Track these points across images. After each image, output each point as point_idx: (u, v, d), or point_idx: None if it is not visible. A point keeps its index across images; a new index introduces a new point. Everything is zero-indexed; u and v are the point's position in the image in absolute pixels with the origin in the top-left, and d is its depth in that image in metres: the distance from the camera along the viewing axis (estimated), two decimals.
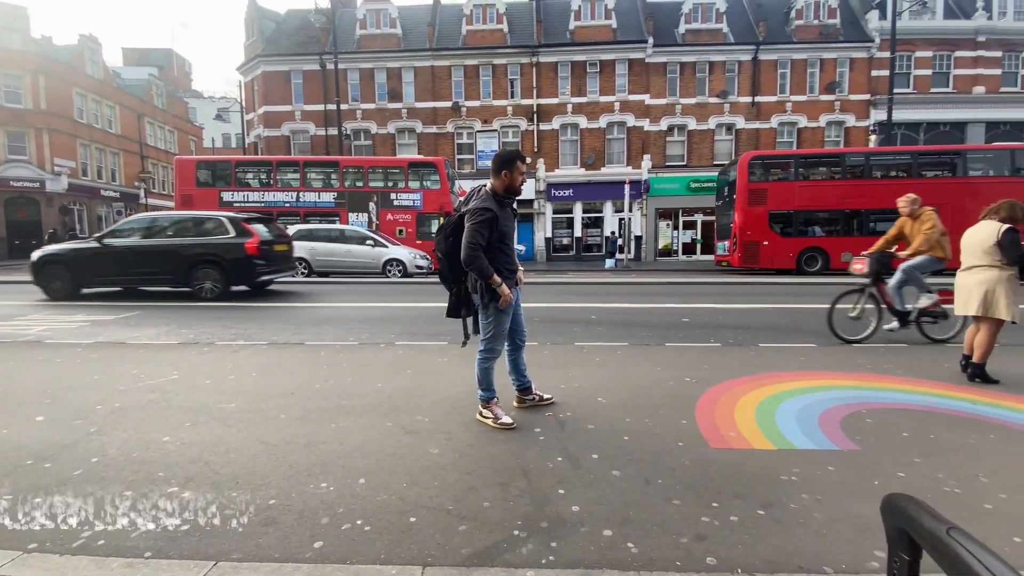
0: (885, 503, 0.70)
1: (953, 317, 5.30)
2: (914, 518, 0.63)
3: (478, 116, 23.40)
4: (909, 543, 0.65)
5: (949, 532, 0.57)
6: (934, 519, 0.61)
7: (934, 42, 22.16)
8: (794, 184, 15.86)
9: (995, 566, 0.51)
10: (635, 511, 2.20)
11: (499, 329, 3.12)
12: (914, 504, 0.65)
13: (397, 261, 14.45)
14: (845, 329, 5.69)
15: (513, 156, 3.05)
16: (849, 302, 5.76)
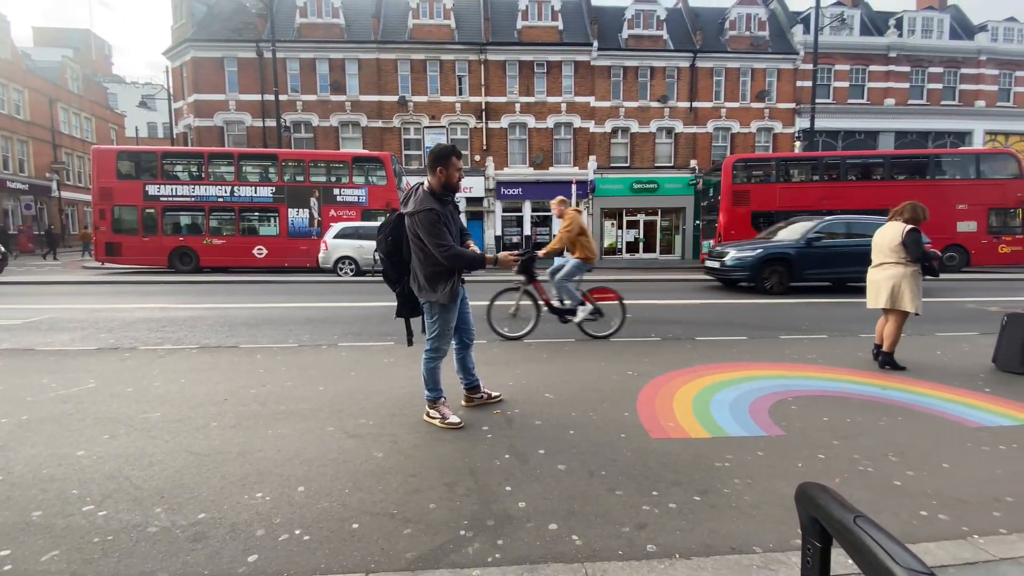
0: (799, 492, 0.72)
1: (610, 315, 5.92)
2: (824, 507, 0.65)
3: (426, 112, 23.04)
4: (821, 531, 0.66)
5: (856, 520, 0.59)
6: (842, 507, 0.63)
7: (851, 56, 24.05)
8: (775, 186, 16.42)
9: (898, 553, 0.53)
10: (580, 504, 2.25)
11: (445, 328, 3.08)
12: (825, 493, 0.67)
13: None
14: (505, 325, 5.84)
15: (448, 152, 2.96)
16: (508, 299, 5.96)
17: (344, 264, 14.49)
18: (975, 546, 1.92)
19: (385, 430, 3.07)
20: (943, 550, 1.90)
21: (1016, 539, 1.98)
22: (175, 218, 16.15)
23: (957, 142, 24.51)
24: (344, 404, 3.53)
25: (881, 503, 2.30)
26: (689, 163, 23.91)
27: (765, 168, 17.18)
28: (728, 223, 16.21)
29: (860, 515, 0.59)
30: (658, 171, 23.91)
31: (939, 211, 15.65)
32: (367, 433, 3.03)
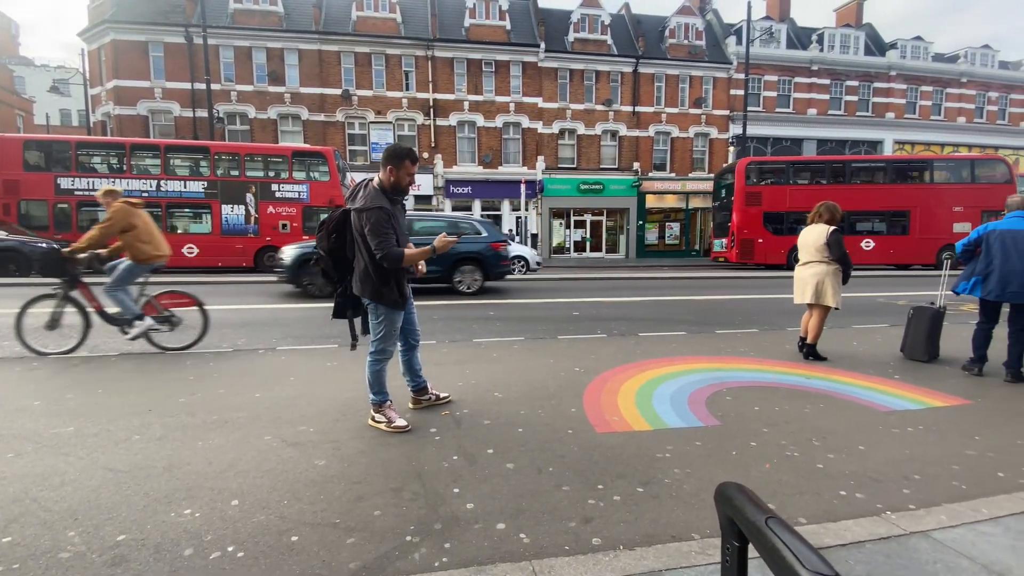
0: (717, 492, 0.71)
1: (189, 323, 5.17)
2: (739, 508, 0.64)
3: (371, 106, 22.43)
4: (738, 532, 0.65)
5: (767, 522, 0.59)
6: (756, 509, 0.62)
7: (779, 68, 25.72)
8: (786, 188, 17.30)
9: (805, 555, 0.53)
10: (528, 501, 2.26)
11: (390, 329, 3.00)
12: (741, 493, 0.67)
13: (521, 258, 15.22)
14: (41, 340, 4.82)
15: (403, 154, 2.87)
16: (44, 307, 4.86)
17: None
18: (888, 522, 2.10)
19: (327, 437, 2.96)
20: (860, 527, 2.06)
21: (923, 514, 2.18)
22: (92, 214, 14.81)
23: (870, 150, 26.79)
24: (283, 411, 3.37)
25: (806, 485, 2.47)
26: (632, 165, 24.72)
27: (776, 170, 18.08)
28: (741, 223, 17.05)
29: (772, 516, 0.59)
30: (603, 172, 24.55)
31: (937, 213, 17.22)
32: (308, 441, 2.90)
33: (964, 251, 4.52)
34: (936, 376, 4.42)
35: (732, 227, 17.41)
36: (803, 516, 2.18)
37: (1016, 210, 4.31)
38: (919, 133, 27.20)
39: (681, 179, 25.36)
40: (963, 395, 3.89)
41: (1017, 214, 4.28)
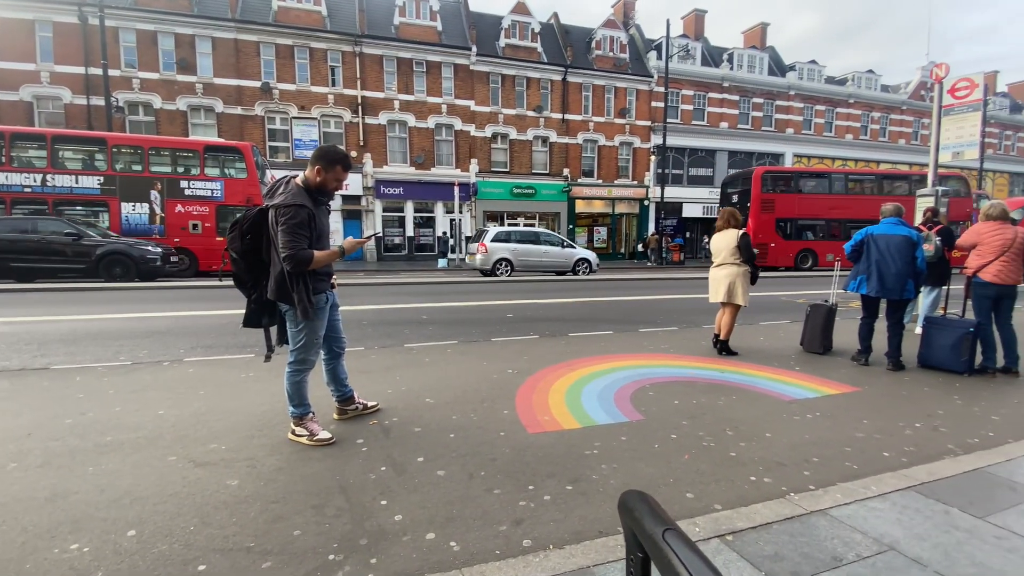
0: (620, 502, 0.68)
1: None
2: (639, 519, 0.62)
3: (294, 101, 21.31)
4: (640, 543, 0.62)
5: (664, 534, 0.56)
6: (654, 520, 0.60)
7: (694, 83, 27.53)
8: (795, 196, 18.91)
9: (700, 570, 0.52)
10: (458, 508, 2.23)
11: (312, 337, 2.83)
12: (642, 503, 0.64)
13: (584, 260, 16.39)
14: None
15: (336, 158, 2.72)
16: None
17: (501, 265, 15.46)
18: (792, 503, 2.28)
19: (241, 454, 2.75)
20: (768, 509, 2.22)
21: (821, 493, 2.39)
22: None
23: (773, 162, 29.34)
24: (190, 428, 3.09)
25: (721, 473, 2.64)
26: (562, 171, 25.38)
27: (787, 180, 19.72)
28: (756, 228, 18.40)
29: (669, 528, 0.57)
30: (536, 177, 25.00)
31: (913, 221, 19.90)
32: (219, 460, 2.68)
33: (851, 253, 5.06)
34: (830, 366, 4.91)
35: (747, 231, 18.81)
36: (719, 503, 2.33)
37: (890, 216, 4.89)
38: (814, 148, 30.20)
39: (608, 185, 26.38)
40: (853, 383, 4.35)
41: (891, 220, 4.86)
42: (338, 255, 2.79)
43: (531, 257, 15.82)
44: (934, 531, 2.05)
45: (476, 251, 15.44)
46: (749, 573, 1.76)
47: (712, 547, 1.91)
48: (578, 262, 16.32)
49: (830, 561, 1.84)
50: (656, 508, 0.62)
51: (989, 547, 1.95)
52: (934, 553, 1.90)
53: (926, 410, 3.69)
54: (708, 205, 27.54)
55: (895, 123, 32.30)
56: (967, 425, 3.40)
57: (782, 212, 19.28)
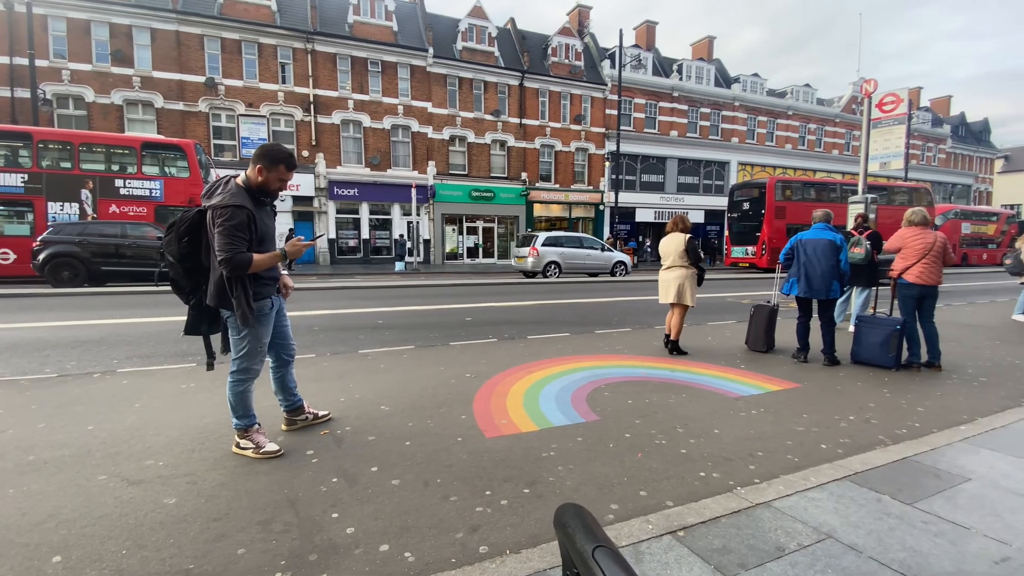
0: (555, 517, 0.65)
1: None
2: (571, 536, 0.59)
3: (241, 98, 20.41)
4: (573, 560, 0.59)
5: (594, 553, 0.54)
6: (585, 536, 0.57)
7: (646, 92, 28.42)
8: (803, 204, 20.35)
9: None
10: (413, 517, 2.18)
11: (256, 345, 2.70)
12: (576, 518, 0.61)
13: (621, 262, 17.75)
14: None
15: (279, 157, 2.60)
16: None
17: (551, 268, 16.49)
18: (739, 496, 2.37)
19: (180, 471, 2.59)
20: (717, 504, 2.30)
21: (765, 486, 2.50)
22: None
23: (720, 170, 30.72)
24: (123, 444, 2.88)
25: (672, 470, 2.71)
26: (520, 175, 25.55)
27: (797, 189, 21.49)
28: (771, 234, 19.95)
29: (600, 545, 0.55)
30: (494, 181, 25.04)
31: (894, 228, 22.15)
32: (155, 477, 2.51)
33: (786, 258, 5.35)
34: (772, 364, 5.17)
35: (762, 237, 20.57)
36: (670, 499, 2.39)
37: (819, 222, 5.22)
38: (757, 156, 31.82)
39: (565, 190, 26.77)
40: (793, 379, 4.59)
41: (819, 226, 5.19)
42: (280, 259, 2.66)
43: (577, 260, 17.06)
44: (868, 518, 2.18)
45: (527, 255, 16.33)
46: (699, 567, 1.82)
47: (664, 543, 1.95)
48: (616, 264, 17.76)
49: (774, 551, 1.92)
50: (589, 523, 0.60)
51: (918, 532, 2.09)
52: (868, 539, 2.02)
53: (859, 403, 3.94)
54: (659, 210, 28.46)
55: (829, 134, 34.51)
56: (896, 417, 3.65)
57: (792, 218, 20.63)
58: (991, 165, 44.95)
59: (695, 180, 30.21)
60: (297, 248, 2.69)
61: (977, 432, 3.19)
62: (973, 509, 2.26)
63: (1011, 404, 3.91)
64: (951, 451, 2.90)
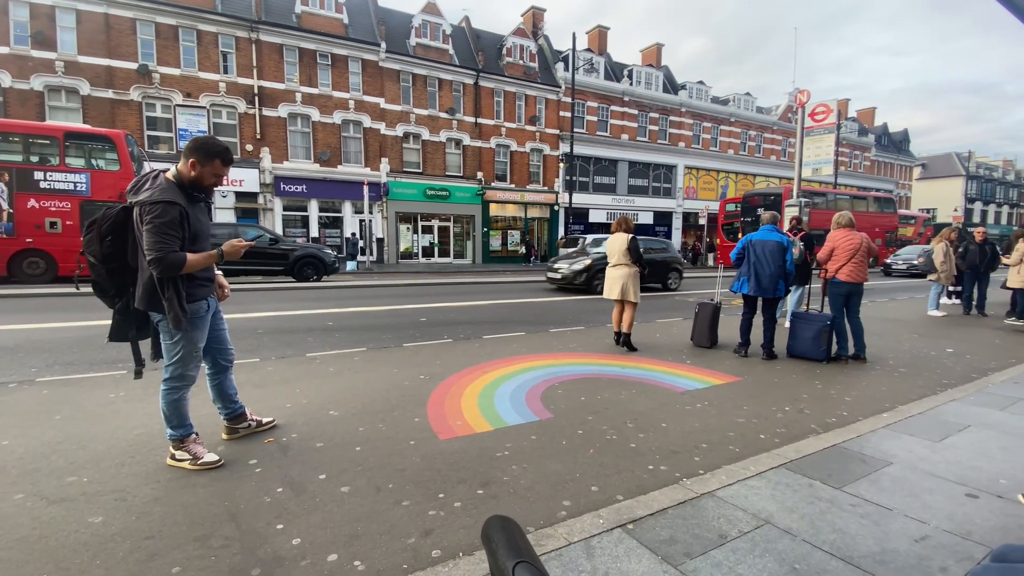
0: (482, 531, 0.64)
1: None
2: (495, 551, 0.58)
3: (179, 87, 19.21)
4: None
5: (515, 569, 0.54)
6: (508, 552, 0.56)
7: (599, 96, 29.02)
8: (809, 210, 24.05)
9: None
10: (364, 525, 2.13)
11: (191, 350, 2.54)
12: (500, 532, 0.60)
13: None
14: None
15: (214, 151, 2.46)
16: None
17: None
18: (685, 488, 2.46)
19: (107, 487, 2.40)
20: (664, 495, 2.38)
21: (709, 476, 2.61)
22: None
23: (668, 173, 31.82)
24: (43, 460, 2.65)
25: (623, 464, 2.78)
26: (476, 175, 25.47)
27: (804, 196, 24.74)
28: None
29: (522, 561, 0.55)
30: (449, 179, 24.82)
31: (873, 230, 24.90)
32: (79, 495, 2.32)
33: (736, 258, 5.62)
34: (716, 359, 5.41)
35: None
36: (620, 493, 2.45)
37: (767, 224, 5.51)
38: (703, 161, 33.19)
39: (520, 191, 26.92)
40: (735, 373, 4.82)
41: (768, 227, 5.48)
42: (216, 259, 2.52)
43: None
44: (801, 503, 2.32)
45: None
46: (648, 559, 1.87)
47: (614, 537, 2.00)
48: None
49: (717, 539, 2.01)
50: (514, 537, 0.59)
51: (846, 514, 2.24)
52: (802, 523, 2.15)
53: (794, 395, 4.19)
54: (611, 211, 29.16)
55: (768, 141, 36.49)
56: (826, 407, 3.91)
57: None
58: (910, 172, 48.95)
59: (645, 183, 31.15)
60: (236, 248, 2.55)
61: (898, 419, 3.46)
62: (895, 491, 2.45)
63: (927, 392, 4.28)
64: (875, 437, 3.13)
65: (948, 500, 2.37)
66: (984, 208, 53.82)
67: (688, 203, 32.12)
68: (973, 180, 53.05)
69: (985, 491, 2.45)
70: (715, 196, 32.56)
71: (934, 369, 5.16)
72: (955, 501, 2.36)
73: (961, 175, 52.18)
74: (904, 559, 1.90)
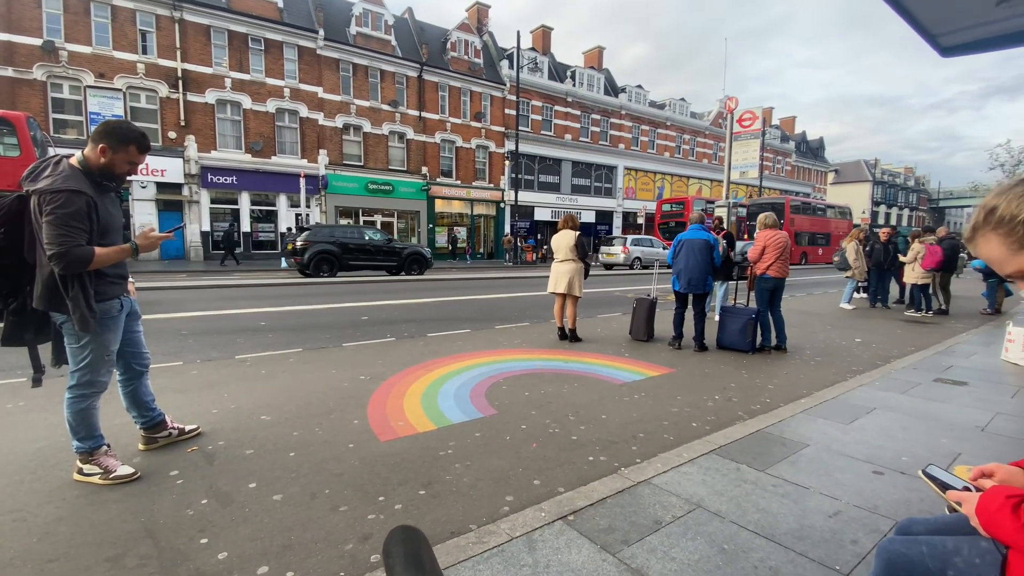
0: (383, 545, 0.62)
1: None
2: (392, 566, 0.56)
3: (90, 67, 17.46)
4: None
5: None
6: (406, 569, 0.55)
7: (543, 96, 29.37)
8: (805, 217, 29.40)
9: None
10: (298, 534, 2.03)
11: (101, 354, 2.32)
12: (400, 546, 0.58)
13: None
14: None
15: (130, 136, 2.25)
16: None
17: (636, 262, 20.97)
18: (622, 477, 2.54)
19: (3, 507, 2.15)
20: (603, 486, 2.45)
21: (645, 465, 2.71)
22: None
23: (609, 174, 32.78)
24: None
25: (564, 457, 2.83)
26: (421, 169, 25.04)
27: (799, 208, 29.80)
28: None
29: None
30: (393, 174, 24.24)
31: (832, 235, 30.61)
32: None
33: (673, 256, 5.87)
34: (652, 352, 5.64)
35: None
36: (562, 486, 2.50)
37: (695, 223, 5.80)
38: (641, 162, 34.48)
39: (467, 187, 26.76)
40: (669, 365, 5.04)
41: (696, 227, 5.77)
42: (129, 253, 2.30)
43: (650, 255, 20.95)
44: (729, 486, 2.46)
45: (619, 252, 20.97)
46: (587, 548, 1.92)
47: (556, 529, 2.03)
48: None
49: (652, 525, 2.09)
50: (414, 552, 0.57)
51: (768, 494, 2.40)
52: (729, 505, 2.28)
53: (722, 384, 4.44)
54: (555, 209, 29.64)
55: (701, 145, 38.47)
56: (752, 394, 4.18)
57: (799, 227, 28.79)
58: (825, 177, 53.30)
59: (587, 182, 31.90)
60: (151, 240, 2.34)
61: (814, 404, 3.75)
62: (811, 471, 2.66)
63: (839, 379, 4.67)
64: (794, 422, 3.38)
65: (857, 477, 2.59)
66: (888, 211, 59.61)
67: (628, 203, 33.24)
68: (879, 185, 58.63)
69: (889, 468, 2.71)
70: (652, 196, 33.89)
71: (845, 357, 5.65)
72: (864, 478, 2.58)
73: (869, 180, 57.50)
74: (820, 534, 2.06)
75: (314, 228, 15.22)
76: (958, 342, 6.36)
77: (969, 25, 2.02)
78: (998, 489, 0.94)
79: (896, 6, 1.90)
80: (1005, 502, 0.90)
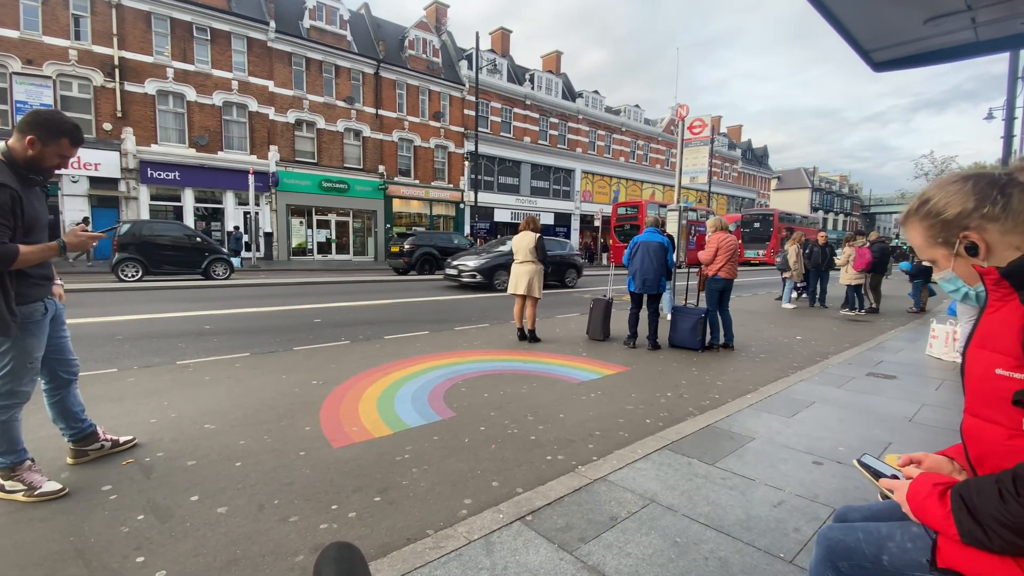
0: (315, 563, 0.60)
1: None
2: None
3: (17, 53, 16.05)
4: None
5: None
6: None
7: (502, 98, 29.44)
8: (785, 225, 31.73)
9: None
10: (244, 547, 1.94)
11: (23, 361, 2.14)
12: (333, 565, 0.56)
13: None
14: None
15: (62, 128, 2.10)
16: None
17: None
18: (580, 475, 2.57)
19: None
20: (561, 484, 2.47)
21: (602, 462, 2.76)
22: None
23: (567, 176, 33.26)
24: None
25: (523, 457, 2.84)
26: (378, 168, 24.53)
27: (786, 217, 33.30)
28: (774, 244, 30.11)
29: None
30: (348, 172, 23.62)
31: None
32: None
33: (630, 258, 6.01)
34: (608, 351, 5.76)
35: (771, 244, 30.96)
36: (520, 486, 2.50)
37: (650, 226, 5.98)
38: (597, 166, 35.18)
39: (425, 187, 26.44)
40: (624, 363, 5.16)
41: (650, 230, 5.94)
42: (55, 252, 2.14)
43: None
44: (681, 481, 2.54)
45: None
46: (545, 548, 1.93)
47: (514, 530, 2.03)
48: None
49: (608, 521, 2.13)
50: (352, 570, 0.56)
51: (718, 487, 2.49)
52: (681, 499, 2.36)
53: (675, 381, 4.59)
54: (515, 211, 29.78)
55: (654, 151, 39.68)
56: (702, 391, 4.34)
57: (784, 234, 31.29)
58: (769, 183, 56.19)
59: (546, 185, 32.23)
60: (80, 239, 2.18)
61: (759, 399, 3.94)
62: (757, 463, 2.78)
63: (782, 375, 4.92)
64: (741, 416, 3.53)
65: (799, 468, 2.74)
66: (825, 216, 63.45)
67: (585, 206, 33.80)
68: (817, 192, 62.34)
69: (828, 458, 2.88)
70: (608, 200, 34.62)
71: (787, 354, 5.96)
72: (805, 469, 2.73)
73: (808, 187, 61.02)
74: (765, 524, 2.16)
75: (419, 235, 17.61)
76: (888, 339, 6.84)
77: (899, 42, 2.19)
78: (926, 476, 1.00)
79: (833, 22, 2.03)
80: (932, 490, 0.94)
